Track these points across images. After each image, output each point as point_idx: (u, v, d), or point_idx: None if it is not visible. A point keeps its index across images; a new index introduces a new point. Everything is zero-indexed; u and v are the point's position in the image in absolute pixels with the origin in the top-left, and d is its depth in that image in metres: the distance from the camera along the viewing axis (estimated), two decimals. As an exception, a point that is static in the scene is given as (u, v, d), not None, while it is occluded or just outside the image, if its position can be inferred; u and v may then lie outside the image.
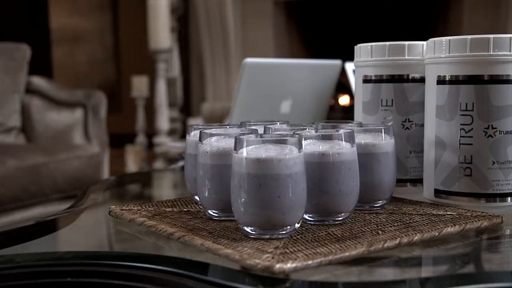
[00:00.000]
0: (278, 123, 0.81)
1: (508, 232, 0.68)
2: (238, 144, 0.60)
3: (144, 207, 0.74)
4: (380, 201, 0.74)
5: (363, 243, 0.57)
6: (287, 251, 0.55)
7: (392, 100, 0.82)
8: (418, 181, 0.82)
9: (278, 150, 0.60)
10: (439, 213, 0.70)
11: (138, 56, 5.19)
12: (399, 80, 0.81)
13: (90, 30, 6.04)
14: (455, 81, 0.73)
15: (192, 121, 3.78)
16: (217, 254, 0.56)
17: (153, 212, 0.71)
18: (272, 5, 4.09)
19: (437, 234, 0.62)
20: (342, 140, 0.65)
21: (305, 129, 0.73)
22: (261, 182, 0.58)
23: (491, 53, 0.71)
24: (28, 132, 2.27)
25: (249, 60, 1.31)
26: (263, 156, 0.58)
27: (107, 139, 2.25)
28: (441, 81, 0.74)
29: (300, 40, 4.35)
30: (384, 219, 0.67)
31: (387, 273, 0.56)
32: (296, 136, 0.61)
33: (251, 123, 0.82)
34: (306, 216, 0.66)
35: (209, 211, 0.69)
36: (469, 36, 0.72)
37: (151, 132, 3.91)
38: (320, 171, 0.64)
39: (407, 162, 0.82)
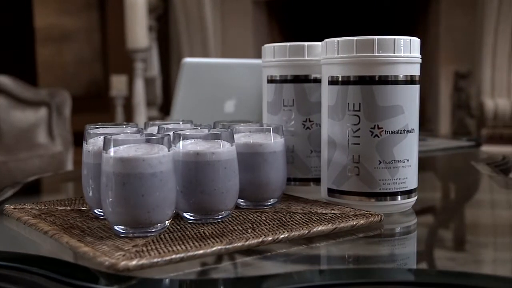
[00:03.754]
0: (181, 122, 0.83)
1: (384, 230, 0.69)
2: (106, 144, 0.61)
3: (38, 205, 0.75)
4: (272, 200, 0.75)
5: (224, 241, 0.58)
6: (144, 249, 0.56)
7: (293, 100, 0.82)
8: (320, 180, 0.83)
9: (148, 149, 0.61)
10: (323, 211, 0.71)
11: (126, 55, 5.21)
12: (300, 80, 0.82)
13: (78, 30, 6.04)
14: (343, 81, 0.74)
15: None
16: (77, 252, 0.57)
17: (44, 210, 0.72)
18: (251, 5, 4.10)
19: (306, 232, 0.63)
20: (221, 140, 0.67)
21: (197, 128, 0.74)
22: (125, 181, 0.59)
23: (376, 54, 0.72)
24: (-7, 131, 2.27)
25: (188, 59, 1.31)
26: (126, 155, 0.59)
27: (71, 138, 2.26)
28: (332, 81, 0.75)
29: (282, 40, 4.36)
30: (264, 218, 0.68)
31: (241, 271, 0.57)
32: (167, 135, 0.62)
33: (156, 123, 0.83)
34: (186, 215, 0.67)
35: (95, 210, 0.69)
36: (355, 38, 0.73)
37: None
38: (196, 170, 0.65)
39: (308, 161, 0.83)
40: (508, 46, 3.55)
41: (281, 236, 0.61)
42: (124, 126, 0.77)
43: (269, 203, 0.74)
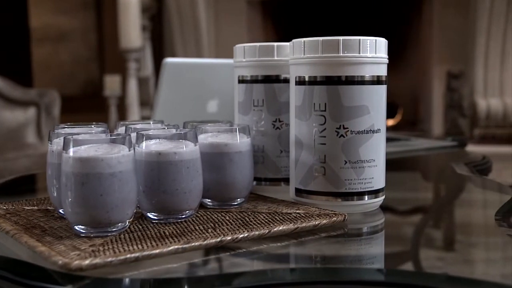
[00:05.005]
0: (151, 122, 0.83)
1: (349, 230, 0.69)
2: (65, 144, 0.61)
3: (6, 205, 0.75)
4: (239, 199, 0.75)
5: (182, 240, 0.58)
6: (101, 248, 0.56)
7: (263, 100, 0.83)
8: (290, 180, 0.83)
9: (108, 149, 0.61)
10: (288, 211, 0.71)
11: (122, 55, 5.21)
12: (270, 80, 0.82)
13: (74, 29, 6.03)
14: (310, 81, 0.74)
15: (164, 120, 3.79)
16: (34, 251, 0.57)
17: (10, 210, 0.73)
18: (245, 4, 4.10)
19: (266, 232, 0.63)
20: (184, 140, 0.67)
21: (164, 128, 0.75)
22: (84, 180, 0.59)
23: (341, 54, 0.72)
24: (-18, 131, 2.27)
25: (169, 60, 1.32)
26: (85, 155, 0.59)
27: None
28: (299, 81, 0.75)
29: (276, 40, 4.36)
30: (228, 218, 0.68)
31: (200, 270, 0.57)
32: (127, 135, 0.62)
33: (126, 123, 0.84)
34: (149, 215, 0.67)
35: (60, 210, 0.70)
36: (321, 38, 0.73)
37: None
38: (158, 170, 0.65)
39: (279, 161, 0.83)
40: (500, 46, 3.55)
41: (241, 236, 0.61)
42: (92, 126, 0.77)
43: (236, 203, 0.75)
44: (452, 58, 3.69)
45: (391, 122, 4.14)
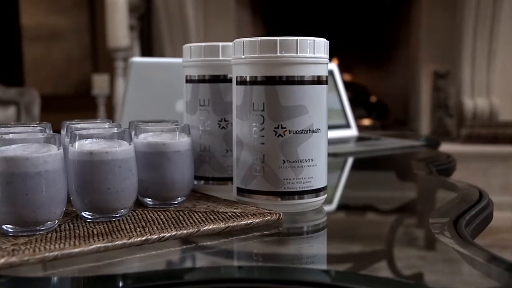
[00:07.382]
0: (98, 121, 0.83)
1: (284, 229, 0.70)
2: (-8, 144, 0.61)
3: None
4: (179, 198, 0.75)
5: (105, 239, 0.59)
6: (22, 247, 0.56)
7: (209, 100, 0.83)
8: (237, 179, 0.83)
9: (37, 149, 0.62)
10: (225, 210, 0.71)
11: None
12: (215, 80, 0.83)
13: (67, 28, 6.02)
14: (249, 81, 0.74)
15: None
16: (-44, 250, 0.57)
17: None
18: (234, 3, 4.10)
19: (195, 230, 0.63)
20: (121, 139, 0.67)
21: (105, 127, 0.75)
22: (9, 180, 0.59)
23: (278, 55, 0.72)
24: (-38, 130, 2.27)
25: (136, 59, 1.32)
26: (11, 154, 0.60)
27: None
28: (240, 81, 0.76)
29: (266, 39, 4.36)
30: (162, 217, 0.69)
31: (120, 269, 0.57)
32: (56, 135, 0.63)
33: (73, 123, 0.84)
34: (84, 214, 0.67)
35: None
36: (259, 38, 0.73)
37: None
38: (90, 169, 0.65)
39: (224, 161, 0.83)
40: (487, 46, 3.56)
41: (167, 235, 0.62)
42: (35, 126, 0.77)
43: (176, 202, 0.75)
44: (439, 58, 3.70)
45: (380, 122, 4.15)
